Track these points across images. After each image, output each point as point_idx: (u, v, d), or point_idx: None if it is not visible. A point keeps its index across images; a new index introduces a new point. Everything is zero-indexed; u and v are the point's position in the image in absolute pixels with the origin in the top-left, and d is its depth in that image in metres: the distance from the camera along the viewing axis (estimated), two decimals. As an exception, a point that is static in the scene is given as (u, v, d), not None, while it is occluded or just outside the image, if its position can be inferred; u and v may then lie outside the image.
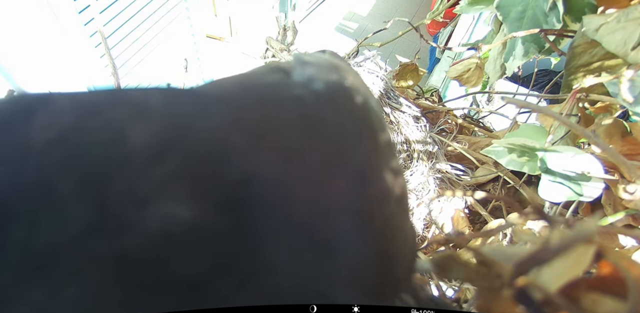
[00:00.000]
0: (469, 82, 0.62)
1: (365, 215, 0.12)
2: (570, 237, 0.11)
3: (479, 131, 0.65)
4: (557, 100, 0.48)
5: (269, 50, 0.78)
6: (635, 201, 0.37)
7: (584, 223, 0.12)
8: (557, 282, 0.11)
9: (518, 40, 0.46)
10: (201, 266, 0.10)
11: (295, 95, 0.13)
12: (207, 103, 0.12)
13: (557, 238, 0.12)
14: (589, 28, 0.37)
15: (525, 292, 0.11)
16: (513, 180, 0.51)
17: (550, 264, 0.11)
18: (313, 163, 0.12)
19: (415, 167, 0.57)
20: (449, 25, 1.89)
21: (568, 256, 0.11)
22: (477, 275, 0.13)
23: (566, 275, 0.11)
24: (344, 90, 0.14)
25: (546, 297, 0.11)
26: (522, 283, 0.11)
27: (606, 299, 0.11)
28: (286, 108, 0.13)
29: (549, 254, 0.11)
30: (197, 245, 0.10)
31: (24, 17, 0.98)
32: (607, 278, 0.12)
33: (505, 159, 0.43)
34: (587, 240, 0.11)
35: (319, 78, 0.14)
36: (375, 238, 0.12)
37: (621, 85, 0.32)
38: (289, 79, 0.14)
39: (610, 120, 0.40)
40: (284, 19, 0.80)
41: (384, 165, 0.13)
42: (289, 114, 0.12)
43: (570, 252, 0.11)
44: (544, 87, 0.61)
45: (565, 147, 0.37)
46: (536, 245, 0.12)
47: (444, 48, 0.62)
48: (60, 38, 1.06)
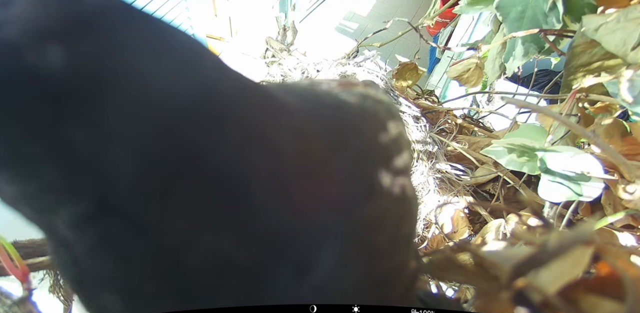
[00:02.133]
0: (469, 82, 0.62)
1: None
2: (568, 238, 0.11)
3: (479, 131, 0.65)
4: (557, 100, 0.48)
5: (268, 50, 0.78)
6: (635, 201, 0.37)
7: (582, 225, 0.12)
8: (556, 283, 0.11)
9: (518, 40, 0.46)
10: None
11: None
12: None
13: (555, 240, 0.12)
14: (589, 28, 0.37)
15: (524, 294, 0.11)
16: (513, 180, 0.51)
17: (548, 266, 0.11)
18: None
19: (415, 167, 0.57)
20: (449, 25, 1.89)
21: (566, 258, 0.11)
22: (475, 277, 0.13)
23: (564, 277, 0.11)
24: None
25: (544, 299, 0.11)
26: (520, 285, 0.11)
27: (604, 301, 0.11)
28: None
29: (547, 256, 0.11)
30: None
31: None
32: (606, 280, 0.12)
33: (505, 159, 0.43)
34: (585, 242, 0.11)
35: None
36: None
37: (621, 85, 0.32)
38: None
39: (610, 120, 0.40)
40: (284, 19, 0.80)
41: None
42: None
43: (569, 253, 0.11)
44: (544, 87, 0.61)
45: (565, 147, 0.37)
46: (534, 247, 0.12)
47: (443, 48, 0.62)
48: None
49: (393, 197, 0.13)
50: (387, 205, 0.13)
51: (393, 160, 0.15)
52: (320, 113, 0.14)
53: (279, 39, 0.79)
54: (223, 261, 0.10)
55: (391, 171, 0.14)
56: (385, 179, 0.13)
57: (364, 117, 0.15)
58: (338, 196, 0.12)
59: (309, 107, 0.14)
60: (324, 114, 0.14)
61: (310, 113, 0.13)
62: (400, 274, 0.13)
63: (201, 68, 0.11)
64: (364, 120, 0.15)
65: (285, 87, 0.17)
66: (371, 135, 0.15)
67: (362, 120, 0.15)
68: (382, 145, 0.15)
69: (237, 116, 0.11)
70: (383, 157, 0.14)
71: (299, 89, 0.17)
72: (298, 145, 0.12)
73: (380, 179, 0.13)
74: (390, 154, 0.15)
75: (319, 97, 0.16)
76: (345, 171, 0.13)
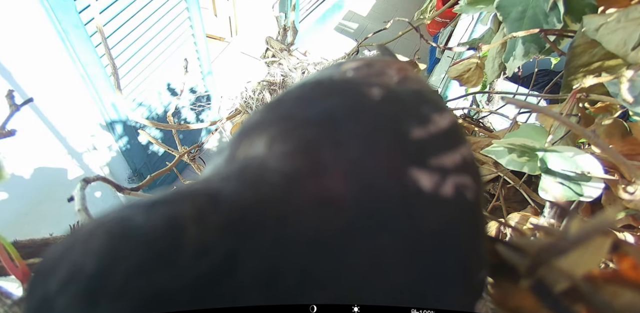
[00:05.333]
0: (469, 82, 0.62)
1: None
2: (587, 228, 0.11)
3: (479, 131, 0.65)
4: (557, 100, 0.48)
5: (269, 50, 0.78)
6: (635, 201, 0.37)
7: (602, 214, 0.12)
8: (576, 272, 0.11)
9: (518, 40, 0.46)
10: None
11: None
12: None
13: (575, 228, 0.12)
14: (589, 28, 0.37)
15: (544, 284, 0.11)
16: (513, 180, 0.51)
17: (568, 255, 0.11)
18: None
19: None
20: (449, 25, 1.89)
21: (586, 247, 0.11)
22: (493, 267, 0.13)
23: (584, 266, 0.11)
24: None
25: (572, 283, 0.11)
26: (540, 274, 0.11)
27: (624, 290, 0.11)
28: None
29: (567, 245, 0.11)
30: None
31: (24, 17, 0.97)
32: (625, 271, 0.12)
33: (505, 159, 0.43)
34: (604, 232, 0.11)
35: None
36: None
37: (621, 85, 0.32)
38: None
39: (610, 120, 0.40)
40: (284, 19, 0.80)
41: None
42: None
43: (588, 242, 0.11)
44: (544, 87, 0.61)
45: (565, 147, 0.37)
46: (554, 237, 0.12)
47: (443, 48, 0.62)
48: (61, 38, 1.06)
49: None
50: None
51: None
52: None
53: (279, 38, 0.79)
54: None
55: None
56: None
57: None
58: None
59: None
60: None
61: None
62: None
63: None
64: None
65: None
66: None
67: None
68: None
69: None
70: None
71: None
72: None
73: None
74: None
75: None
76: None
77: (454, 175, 0.12)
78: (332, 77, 0.17)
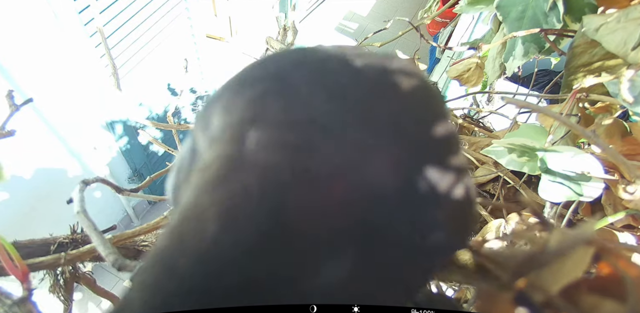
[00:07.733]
0: (469, 82, 0.62)
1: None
2: (569, 238, 0.11)
3: (479, 131, 0.65)
4: (557, 100, 0.48)
5: (269, 50, 0.78)
6: (635, 201, 0.37)
7: (583, 225, 0.12)
8: (557, 283, 0.11)
9: (518, 40, 0.46)
10: None
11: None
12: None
13: (556, 240, 0.12)
14: (589, 28, 0.37)
15: (525, 294, 0.11)
16: (513, 180, 0.51)
17: (549, 266, 0.11)
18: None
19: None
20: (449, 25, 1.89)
21: (567, 258, 0.11)
22: (476, 277, 0.13)
23: (565, 277, 0.11)
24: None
25: (547, 298, 0.11)
26: (521, 285, 0.11)
27: (606, 301, 0.11)
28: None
29: (548, 256, 0.11)
30: None
31: (24, 17, 0.97)
32: (606, 280, 0.12)
33: (505, 159, 0.43)
34: (586, 242, 0.11)
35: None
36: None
37: (621, 85, 0.32)
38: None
39: (610, 120, 0.40)
40: (284, 19, 0.80)
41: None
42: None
43: (570, 253, 0.11)
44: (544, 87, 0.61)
45: (565, 147, 0.37)
46: (535, 247, 0.12)
47: (444, 48, 0.62)
48: (60, 38, 1.06)
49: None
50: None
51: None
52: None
53: (279, 38, 0.79)
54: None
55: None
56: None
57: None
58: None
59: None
60: None
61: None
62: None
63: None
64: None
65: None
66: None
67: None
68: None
69: None
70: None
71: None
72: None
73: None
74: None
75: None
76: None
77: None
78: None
